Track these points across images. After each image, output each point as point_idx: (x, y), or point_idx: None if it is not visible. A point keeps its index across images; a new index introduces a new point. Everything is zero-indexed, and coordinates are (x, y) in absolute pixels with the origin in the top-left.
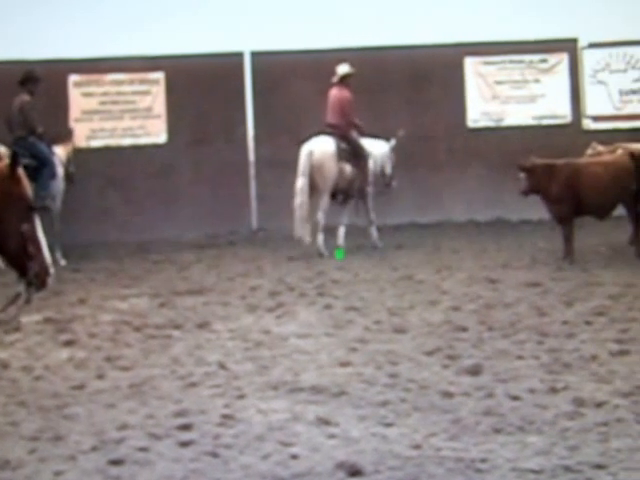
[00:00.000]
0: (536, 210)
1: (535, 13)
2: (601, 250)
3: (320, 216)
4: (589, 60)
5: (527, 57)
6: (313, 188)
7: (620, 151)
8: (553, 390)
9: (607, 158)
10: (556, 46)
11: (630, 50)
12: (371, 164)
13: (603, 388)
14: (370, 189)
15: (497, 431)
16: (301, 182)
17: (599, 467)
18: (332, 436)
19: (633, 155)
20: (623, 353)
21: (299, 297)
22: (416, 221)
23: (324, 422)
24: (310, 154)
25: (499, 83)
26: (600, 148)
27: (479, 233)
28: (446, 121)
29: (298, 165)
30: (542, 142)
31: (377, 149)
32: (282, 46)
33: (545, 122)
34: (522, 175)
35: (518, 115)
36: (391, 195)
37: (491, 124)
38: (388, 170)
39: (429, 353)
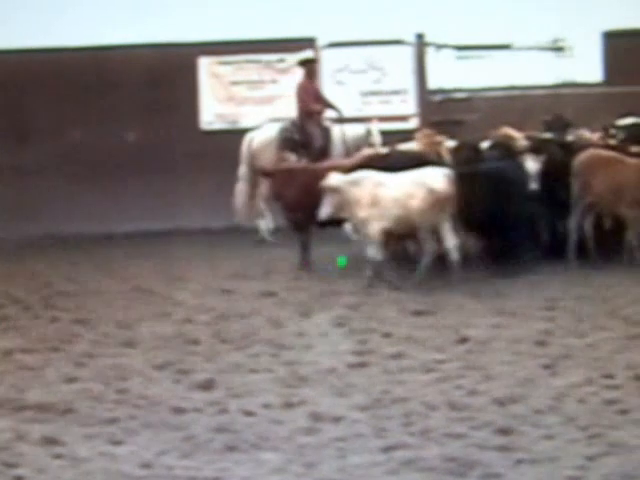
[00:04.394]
0: (272, 217)
1: (273, 11)
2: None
3: (260, 203)
4: (328, 60)
5: (264, 57)
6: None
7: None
8: (289, 405)
9: (348, 162)
10: (294, 46)
11: (370, 50)
12: (339, 150)
13: (341, 402)
14: None
15: (231, 448)
16: (242, 170)
17: None
18: (59, 456)
19: (372, 158)
20: (362, 365)
21: (24, 310)
22: (148, 229)
23: (50, 441)
24: (250, 142)
25: (235, 84)
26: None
27: (213, 241)
28: (179, 124)
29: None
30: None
31: (350, 132)
32: (8, 44)
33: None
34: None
35: (255, 117)
36: None
37: (226, 126)
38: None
39: (160, 367)
